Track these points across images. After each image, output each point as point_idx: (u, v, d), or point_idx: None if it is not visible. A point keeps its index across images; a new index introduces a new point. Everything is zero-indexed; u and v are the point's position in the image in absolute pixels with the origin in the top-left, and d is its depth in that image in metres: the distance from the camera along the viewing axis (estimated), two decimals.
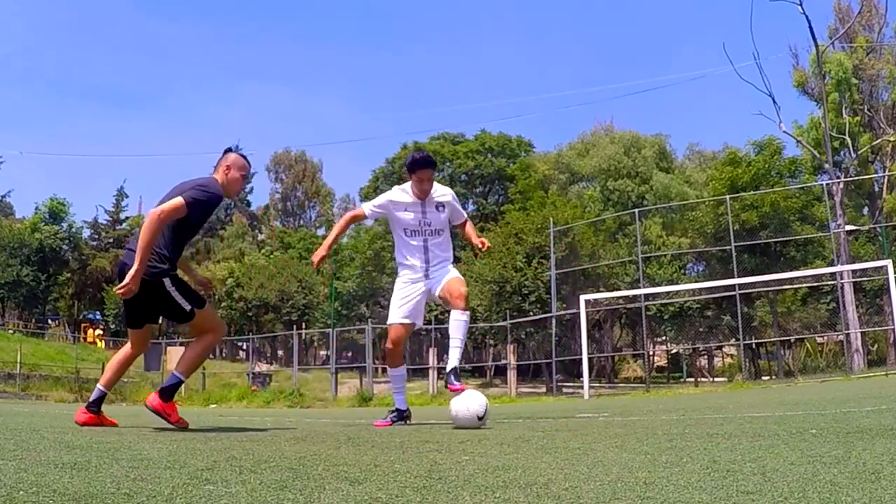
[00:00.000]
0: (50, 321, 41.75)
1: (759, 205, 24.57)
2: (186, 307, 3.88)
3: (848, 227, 20.77)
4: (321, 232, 52.11)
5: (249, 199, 57.51)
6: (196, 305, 3.90)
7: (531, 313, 23.60)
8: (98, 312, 42.18)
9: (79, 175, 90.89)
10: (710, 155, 41.31)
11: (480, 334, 27.52)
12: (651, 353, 28.70)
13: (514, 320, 22.54)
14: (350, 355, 33.96)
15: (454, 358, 4.47)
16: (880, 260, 16.70)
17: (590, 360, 17.58)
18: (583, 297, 17.54)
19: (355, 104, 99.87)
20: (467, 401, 4.01)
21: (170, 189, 3.91)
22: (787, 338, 24.35)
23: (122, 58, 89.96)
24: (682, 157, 43.45)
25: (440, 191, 4.68)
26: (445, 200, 4.66)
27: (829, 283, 22.52)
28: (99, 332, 40.91)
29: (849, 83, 26.23)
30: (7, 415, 6.00)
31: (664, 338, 30.26)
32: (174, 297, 3.84)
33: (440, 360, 20.36)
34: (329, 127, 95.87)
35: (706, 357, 33.05)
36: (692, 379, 27.77)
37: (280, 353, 36.92)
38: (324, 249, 4.68)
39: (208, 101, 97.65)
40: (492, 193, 43.48)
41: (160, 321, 4.33)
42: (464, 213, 4.88)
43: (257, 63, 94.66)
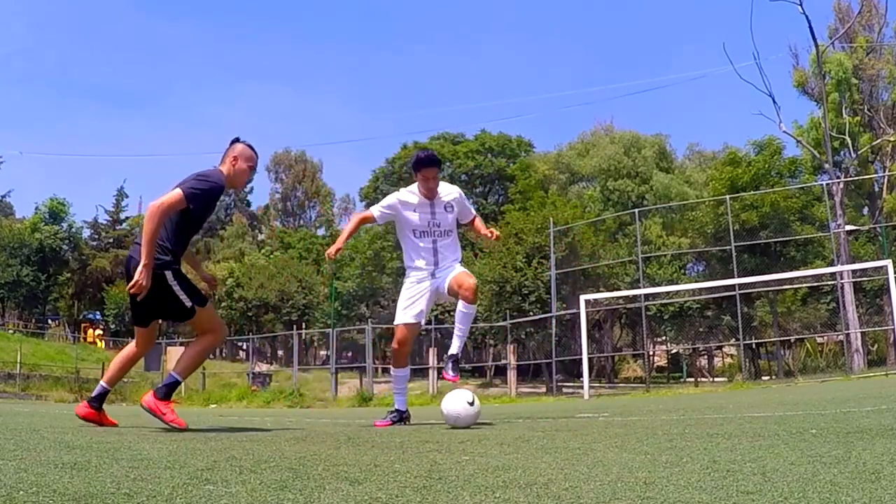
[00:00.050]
0: (50, 321, 41.75)
1: (759, 205, 24.56)
2: (187, 303, 3.80)
3: (848, 227, 20.77)
4: (321, 232, 52.11)
5: (249, 199, 57.56)
6: (197, 303, 3.82)
7: (531, 313, 23.60)
8: (98, 312, 42.16)
9: (79, 175, 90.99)
10: (710, 155, 41.31)
11: (480, 334, 27.53)
12: (651, 353, 28.70)
13: (514, 320, 22.54)
14: (350, 355, 33.97)
15: (455, 346, 4.57)
16: (880, 260, 16.71)
17: (590, 360, 17.58)
18: (583, 297, 17.54)
19: (355, 104, 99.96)
20: (457, 400, 4.07)
21: (173, 185, 3.87)
22: (787, 338, 24.35)
23: (122, 58, 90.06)
24: (682, 157, 43.46)
25: (447, 190, 4.65)
26: (454, 199, 4.63)
27: (829, 283, 22.51)
28: (99, 332, 40.91)
29: (849, 83, 26.23)
30: (7, 415, 6.00)
31: (664, 338, 30.26)
32: (175, 291, 3.76)
33: (440, 360, 20.35)
34: (329, 127, 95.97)
35: (706, 357, 33.05)
36: (692, 379, 27.77)
37: (280, 353, 36.92)
38: (339, 243, 4.67)
39: (208, 101, 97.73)
40: (492, 193, 43.48)
41: (160, 322, 4.27)
42: (472, 210, 4.86)
43: (257, 63, 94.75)
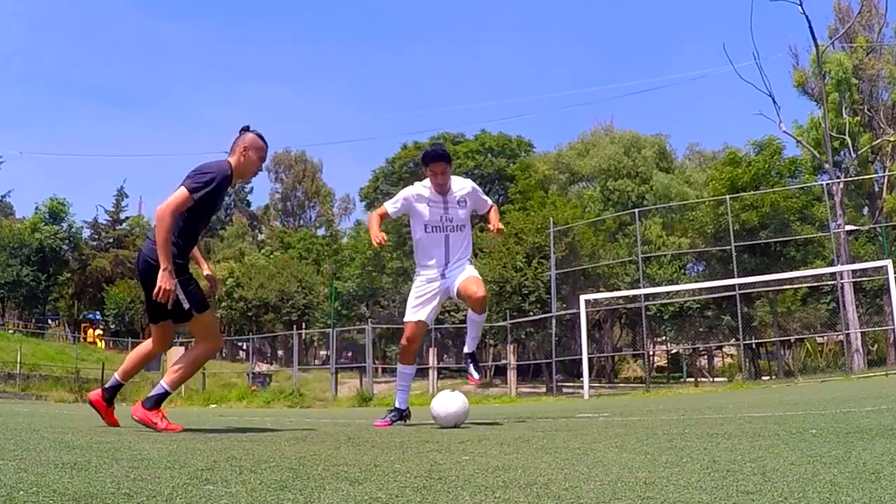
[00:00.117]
0: (50, 321, 41.73)
1: (759, 205, 24.57)
2: (185, 305, 3.69)
3: (848, 227, 20.77)
4: (321, 232, 52.11)
5: (249, 199, 57.60)
6: (197, 308, 3.70)
7: (531, 313, 23.60)
8: (98, 312, 42.13)
9: (79, 175, 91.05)
10: (710, 155, 41.31)
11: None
12: (651, 353, 28.71)
13: (514, 320, 22.54)
14: (350, 355, 33.96)
15: (470, 346, 4.77)
16: (880, 260, 16.70)
17: (590, 360, 17.57)
18: (583, 297, 17.54)
19: (355, 104, 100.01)
20: (447, 402, 4.17)
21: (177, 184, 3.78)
22: (787, 338, 24.35)
23: (122, 58, 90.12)
24: (682, 157, 43.47)
25: (460, 184, 4.62)
26: (466, 193, 4.61)
27: (829, 283, 22.51)
28: (99, 332, 40.90)
29: (849, 83, 26.23)
30: (7, 415, 6.00)
31: (664, 338, 30.26)
32: (175, 289, 3.64)
33: (440, 360, 20.36)
34: (329, 127, 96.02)
35: (706, 357, 33.05)
36: (692, 379, 27.77)
37: (280, 353, 36.92)
38: (377, 233, 4.53)
39: (208, 101, 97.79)
40: (492, 193, 43.42)
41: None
42: (488, 201, 4.82)
43: (257, 63, 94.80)
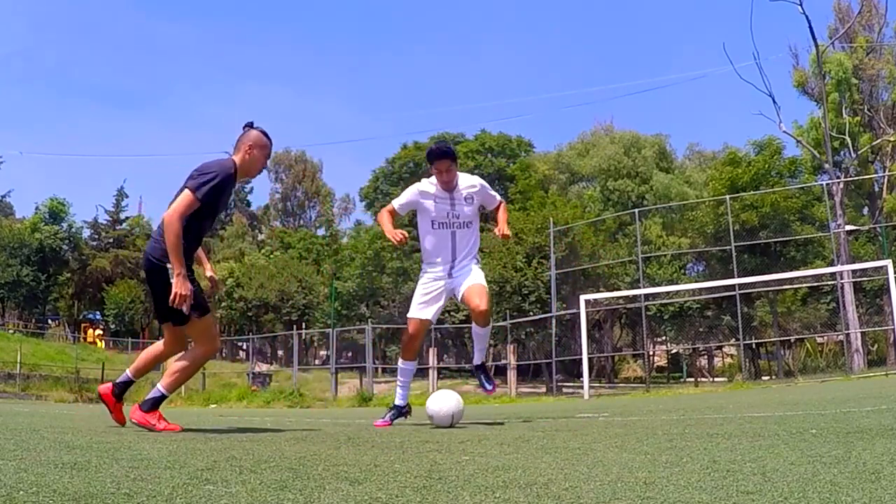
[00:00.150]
0: (50, 321, 41.75)
1: (759, 205, 24.57)
2: (183, 307, 3.61)
3: (848, 227, 20.77)
4: (321, 232, 52.11)
5: (249, 199, 57.59)
6: (196, 311, 3.61)
7: (531, 313, 23.61)
8: (98, 312, 42.18)
9: (79, 175, 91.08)
10: (710, 155, 41.34)
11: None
12: (651, 353, 28.71)
13: (514, 320, 22.54)
14: (350, 355, 33.96)
15: (478, 357, 4.80)
16: (880, 260, 16.70)
17: (590, 360, 17.57)
18: (583, 297, 17.54)
19: (355, 104, 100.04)
20: (441, 401, 4.23)
21: (184, 182, 3.70)
22: (787, 338, 24.35)
23: (122, 58, 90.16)
24: (682, 157, 43.50)
25: (468, 181, 4.60)
26: (474, 192, 4.58)
27: (829, 283, 22.51)
28: (99, 332, 40.93)
29: (849, 83, 26.22)
30: (7, 415, 6.00)
31: (664, 338, 30.27)
32: (174, 288, 3.58)
33: (440, 360, 20.36)
34: (329, 127, 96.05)
35: (706, 357, 33.06)
36: (692, 379, 27.77)
37: (280, 353, 36.92)
38: (393, 232, 4.50)
39: (208, 101, 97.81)
40: None
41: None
42: (496, 198, 4.81)
43: (257, 63, 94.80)
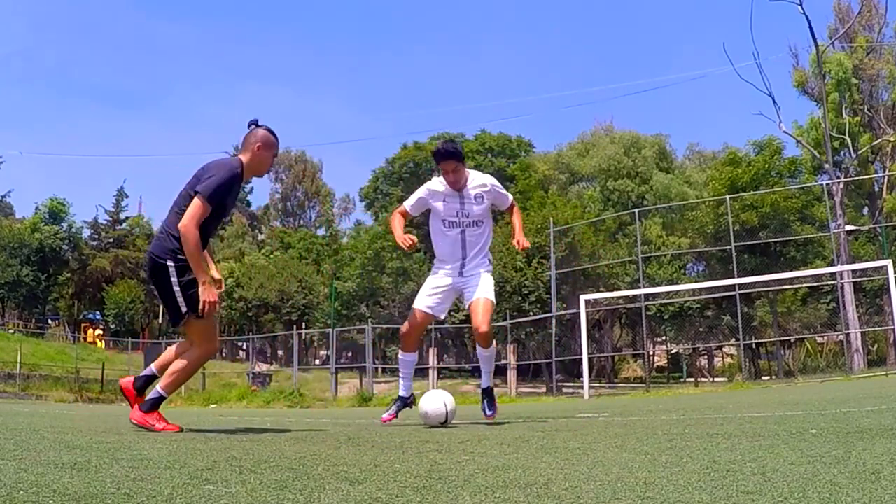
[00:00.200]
0: (50, 321, 41.73)
1: (759, 205, 24.57)
2: (182, 307, 3.56)
3: (848, 227, 20.77)
4: (321, 232, 52.11)
5: (249, 199, 57.53)
6: (196, 311, 3.57)
7: (531, 313, 23.61)
8: (98, 312, 42.16)
9: (79, 175, 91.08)
10: (710, 155, 41.34)
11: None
12: (651, 353, 28.71)
13: (514, 320, 22.54)
14: (350, 355, 33.95)
15: (484, 381, 4.80)
16: (880, 260, 16.69)
17: (590, 360, 17.57)
18: (583, 297, 17.54)
19: (355, 104, 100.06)
20: (433, 401, 4.29)
21: (188, 181, 3.68)
22: (787, 338, 24.35)
23: (122, 58, 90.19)
24: (682, 157, 43.52)
25: (478, 181, 4.54)
26: (484, 191, 4.51)
27: (829, 283, 22.51)
28: (99, 332, 40.91)
29: (849, 83, 26.22)
30: (7, 415, 6.00)
31: (664, 338, 30.27)
32: (173, 287, 3.54)
33: (440, 360, 20.36)
34: (329, 127, 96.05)
35: (706, 357, 33.06)
36: (692, 379, 27.77)
37: (280, 353, 36.93)
38: (403, 236, 4.48)
39: (208, 101, 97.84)
40: None
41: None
42: (508, 198, 4.73)
43: (257, 63, 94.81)
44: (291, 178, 57.37)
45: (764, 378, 23.34)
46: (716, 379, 27.66)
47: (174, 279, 3.54)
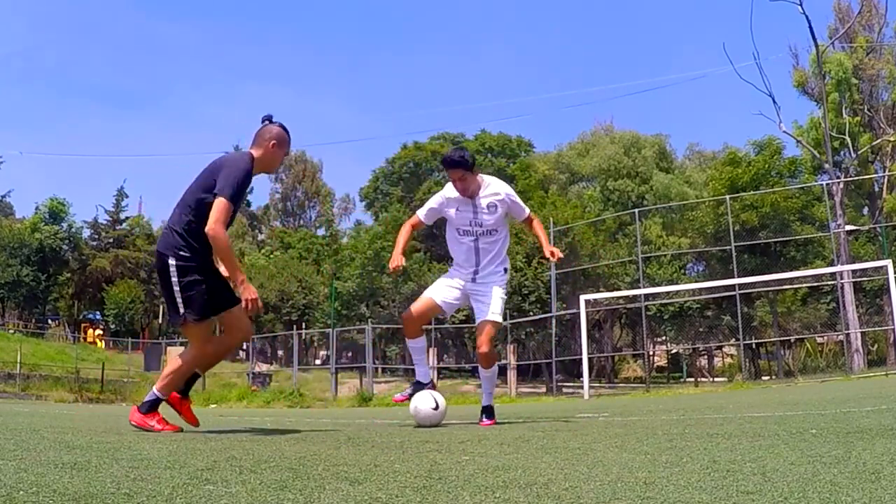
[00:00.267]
0: (50, 321, 41.71)
1: (759, 205, 24.57)
2: (180, 308, 3.49)
3: (848, 227, 20.77)
4: (321, 232, 52.12)
5: (249, 199, 57.52)
6: (191, 314, 3.50)
7: (531, 313, 23.61)
8: (98, 312, 42.13)
9: (79, 175, 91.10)
10: (710, 155, 41.36)
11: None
12: (651, 353, 28.71)
13: (514, 320, 22.54)
14: (350, 355, 33.95)
15: (484, 399, 4.68)
16: (880, 260, 16.70)
17: (590, 360, 17.57)
18: (583, 297, 17.54)
19: (355, 104, 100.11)
20: (423, 398, 4.31)
21: (196, 177, 3.63)
22: (787, 338, 24.36)
23: (122, 58, 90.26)
24: (682, 157, 43.54)
25: (492, 188, 4.42)
26: (497, 200, 4.39)
27: (829, 283, 22.51)
28: (99, 332, 40.90)
29: (849, 83, 26.22)
30: (7, 415, 6.00)
31: (664, 338, 30.26)
32: (173, 286, 3.47)
33: (440, 360, 20.35)
34: (329, 127, 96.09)
35: (706, 357, 33.06)
36: (692, 379, 27.77)
37: (280, 353, 36.93)
38: (399, 256, 4.44)
39: (208, 101, 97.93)
40: None
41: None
42: (524, 210, 4.56)
43: (257, 63, 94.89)
44: (291, 178, 57.40)
45: (764, 378, 23.34)
46: (716, 379, 27.66)
47: (174, 279, 3.48)
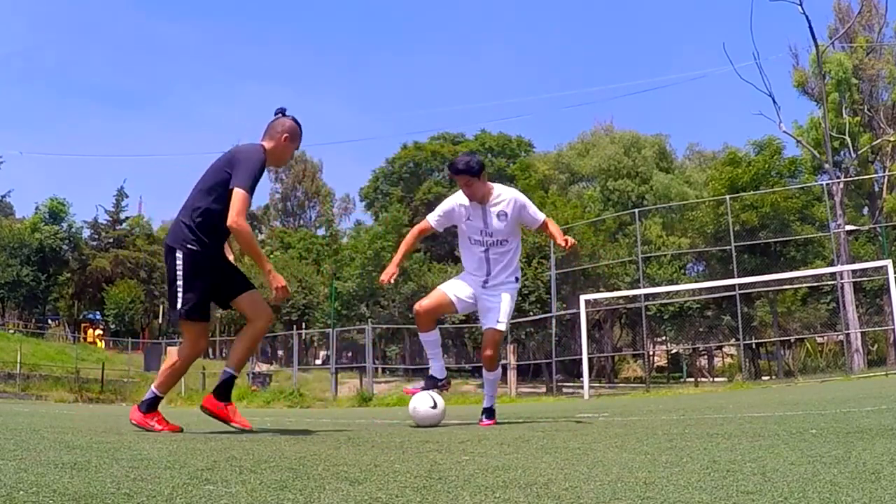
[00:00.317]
0: (50, 321, 41.71)
1: (759, 205, 24.57)
2: (178, 302, 3.50)
3: (848, 227, 20.77)
4: (321, 232, 52.12)
5: None
6: (185, 312, 3.50)
7: (531, 313, 23.61)
8: (98, 312, 42.14)
9: (79, 175, 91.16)
10: (710, 155, 41.37)
11: (480, 334, 27.56)
12: (651, 353, 28.71)
13: (514, 320, 22.53)
14: (350, 355, 33.96)
15: (486, 401, 4.62)
16: (880, 260, 16.69)
17: (590, 360, 17.57)
18: (583, 297, 17.53)
19: (355, 104, 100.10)
20: (421, 398, 4.31)
21: (207, 170, 3.62)
22: (787, 338, 24.37)
23: (122, 58, 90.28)
24: (682, 157, 43.55)
25: (503, 195, 4.32)
26: (508, 208, 4.29)
27: (829, 283, 22.52)
28: (99, 332, 40.90)
29: (849, 83, 26.23)
30: (7, 415, 6.00)
31: (664, 338, 30.28)
32: (176, 280, 3.47)
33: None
34: (329, 127, 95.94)
35: (706, 357, 33.07)
36: (692, 379, 27.78)
37: (280, 353, 36.94)
38: (393, 267, 4.44)
39: (208, 101, 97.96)
40: None
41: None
42: (539, 217, 4.47)
43: (257, 63, 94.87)
44: (291, 178, 57.40)
45: (764, 378, 23.34)
46: (716, 379, 27.67)
47: (179, 272, 3.48)
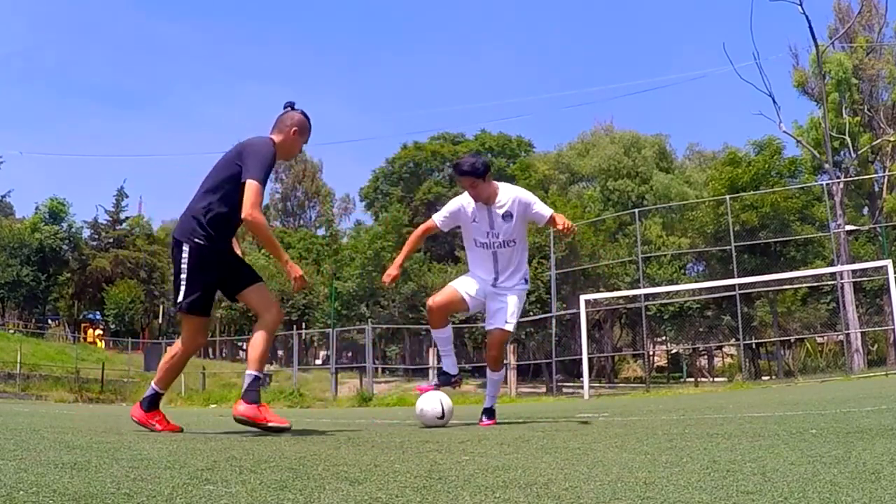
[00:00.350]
0: (50, 321, 41.70)
1: (759, 205, 24.58)
2: (180, 295, 3.49)
3: (848, 227, 20.78)
4: (321, 232, 52.11)
5: None
6: (185, 305, 3.50)
7: (531, 313, 23.60)
8: (98, 312, 42.13)
9: (79, 175, 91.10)
10: (710, 155, 41.38)
11: (480, 334, 27.56)
12: (651, 353, 28.71)
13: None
14: (350, 355, 33.96)
15: (487, 401, 4.59)
16: (880, 260, 16.70)
17: (590, 360, 17.57)
18: (583, 297, 17.54)
19: (355, 104, 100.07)
20: (430, 401, 4.28)
21: (216, 164, 3.61)
22: (787, 338, 24.37)
23: (122, 58, 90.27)
24: (682, 157, 43.56)
25: (509, 195, 4.28)
26: (513, 207, 4.25)
27: (829, 283, 22.53)
28: (99, 332, 40.90)
29: (849, 83, 26.23)
30: (7, 415, 6.00)
31: (664, 338, 30.28)
32: (181, 272, 3.47)
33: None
34: (329, 127, 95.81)
35: (706, 357, 33.07)
36: (692, 379, 27.79)
37: (280, 353, 36.94)
38: (395, 269, 4.42)
39: (208, 101, 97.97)
40: None
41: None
42: (546, 213, 4.37)
43: (257, 63, 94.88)
44: (291, 178, 57.39)
45: (764, 378, 23.35)
46: (716, 379, 27.68)
47: (185, 265, 3.48)
